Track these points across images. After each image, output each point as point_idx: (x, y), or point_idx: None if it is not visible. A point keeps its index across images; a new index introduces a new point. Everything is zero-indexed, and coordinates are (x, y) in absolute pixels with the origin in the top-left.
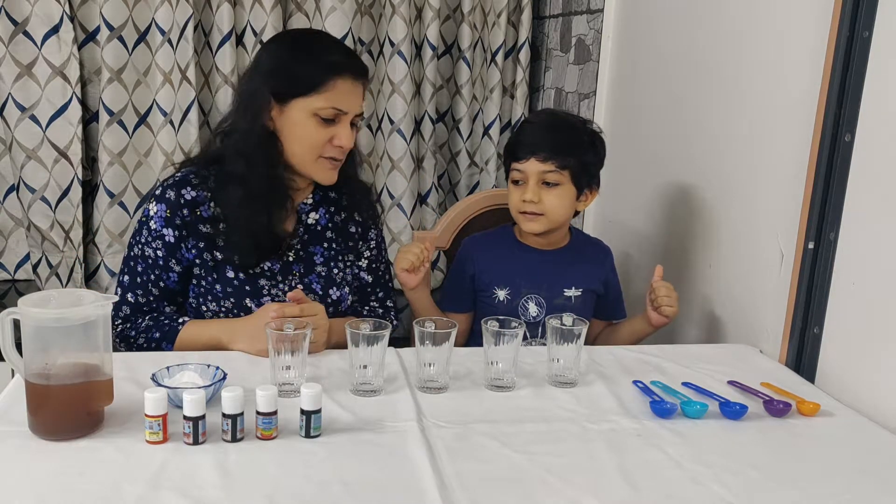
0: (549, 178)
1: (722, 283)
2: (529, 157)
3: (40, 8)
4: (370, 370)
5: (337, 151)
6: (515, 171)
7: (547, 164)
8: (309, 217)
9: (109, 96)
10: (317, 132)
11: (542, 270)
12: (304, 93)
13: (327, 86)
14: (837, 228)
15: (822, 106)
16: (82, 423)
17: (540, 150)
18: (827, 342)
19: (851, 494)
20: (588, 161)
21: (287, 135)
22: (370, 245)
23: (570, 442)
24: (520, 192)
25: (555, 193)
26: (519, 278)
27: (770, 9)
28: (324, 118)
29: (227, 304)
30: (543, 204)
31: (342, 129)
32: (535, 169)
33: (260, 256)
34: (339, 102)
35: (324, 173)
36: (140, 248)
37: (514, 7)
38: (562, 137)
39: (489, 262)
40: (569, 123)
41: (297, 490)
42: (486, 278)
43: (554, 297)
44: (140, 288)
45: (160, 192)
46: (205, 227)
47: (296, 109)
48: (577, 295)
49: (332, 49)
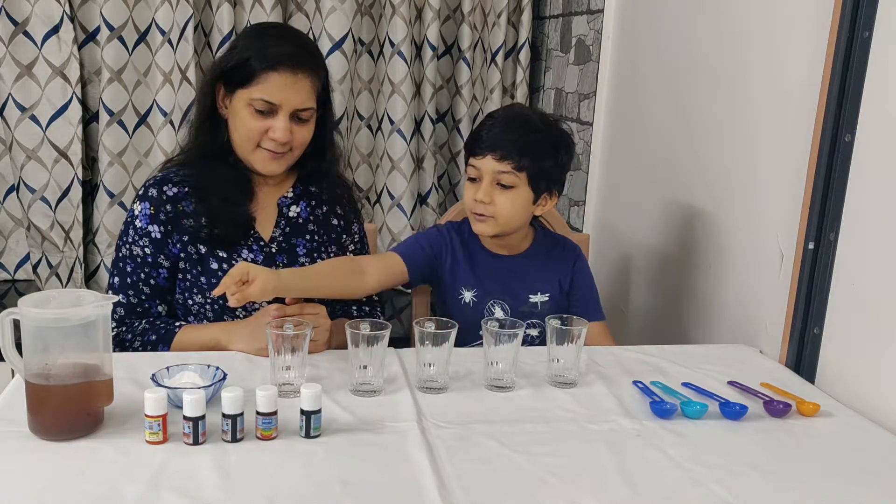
0: (503, 178)
1: (722, 283)
2: (486, 154)
3: (40, 8)
4: (370, 370)
5: (272, 143)
6: (471, 168)
7: (502, 164)
8: (290, 210)
9: (109, 96)
10: (251, 122)
11: (506, 277)
12: (242, 84)
13: (260, 78)
14: (837, 229)
15: (822, 106)
16: (82, 423)
17: (497, 149)
18: (827, 342)
19: (851, 495)
20: (547, 165)
21: (231, 123)
22: (353, 239)
23: (569, 442)
24: (473, 190)
25: (508, 196)
26: (485, 282)
27: (770, 9)
28: (257, 109)
29: (212, 296)
30: (495, 206)
31: (278, 121)
32: (489, 167)
33: (227, 234)
34: (272, 95)
35: (263, 163)
36: (128, 248)
37: (514, 7)
38: (521, 138)
39: (457, 258)
40: (531, 124)
41: (297, 490)
42: (452, 275)
43: (519, 305)
44: (131, 288)
45: (143, 191)
46: (188, 221)
47: (237, 99)
48: (543, 301)
49: (278, 42)
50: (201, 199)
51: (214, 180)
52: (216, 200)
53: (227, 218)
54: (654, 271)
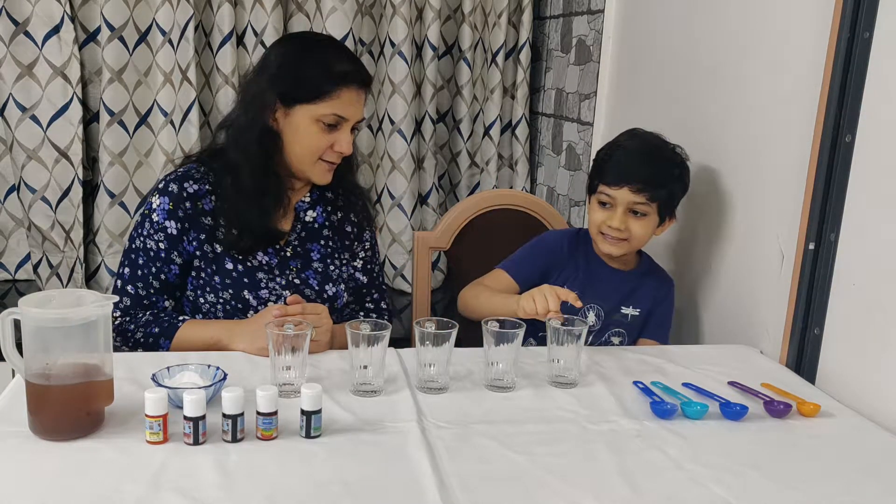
0: (638, 208)
1: (722, 283)
2: (622, 186)
3: (41, 8)
4: (370, 370)
5: (336, 156)
6: (604, 195)
7: (639, 196)
8: (306, 215)
9: (110, 96)
10: (318, 137)
11: (609, 285)
12: (309, 99)
13: (332, 95)
14: (838, 229)
15: (822, 107)
16: (82, 423)
17: (634, 181)
18: (827, 343)
19: (852, 495)
20: (676, 193)
21: (290, 136)
22: (365, 246)
23: (570, 442)
24: (604, 215)
25: (641, 223)
26: (586, 287)
27: (770, 9)
28: (327, 124)
29: (224, 295)
30: (629, 231)
31: (343, 135)
32: (626, 198)
33: (254, 244)
34: (343, 111)
35: (320, 175)
36: (142, 240)
37: (514, 8)
38: (657, 170)
39: (565, 265)
40: (664, 154)
41: (298, 490)
42: (558, 278)
43: (613, 312)
44: (140, 280)
45: (163, 185)
46: (206, 219)
47: (300, 114)
48: (634, 314)
49: (340, 57)
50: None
51: (255, 191)
52: (254, 211)
53: (261, 231)
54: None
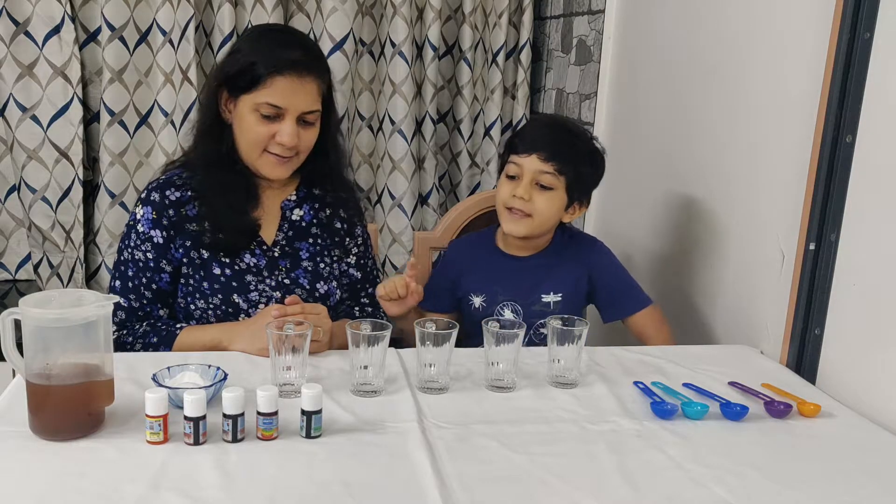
0: (544, 179)
1: (723, 283)
2: (531, 153)
3: (41, 8)
4: (371, 371)
5: (280, 148)
6: (512, 165)
7: (546, 165)
8: (293, 213)
9: (110, 96)
10: (258, 128)
11: (520, 277)
12: (247, 88)
13: (266, 83)
14: (838, 229)
15: (822, 107)
16: (83, 423)
17: (543, 149)
18: (828, 343)
19: (852, 496)
20: (584, 173)
21: (236, 129)
22: (357, 242)
23: (570, 443)
24: (511, 187)
25: (546, 196)
26: (496, 285)
27: (770, 10)
28: (264, 115)
29: (215, 300)
30: (533, 204)
31: (285, 125)
32: (533, 166)
33: (234, 242)
34: (278, 100)
35: (269, 168)
36: (129, 252)
37: (515, 8)
38: (566, 142)
39: (469, 268)
40: (576, 132)
41: (298, 490)
42: (464, 285)
43: (531, 304)
44: (133, 292)
45: (145, 195)
46: (191, 225)
47: (242, 104)
48: (556, 300)
49: (283, 45)
50: (205, 204)
51: (220, 187)
52: (222, 208)
53: (233, 226)
54: (655, 272)
